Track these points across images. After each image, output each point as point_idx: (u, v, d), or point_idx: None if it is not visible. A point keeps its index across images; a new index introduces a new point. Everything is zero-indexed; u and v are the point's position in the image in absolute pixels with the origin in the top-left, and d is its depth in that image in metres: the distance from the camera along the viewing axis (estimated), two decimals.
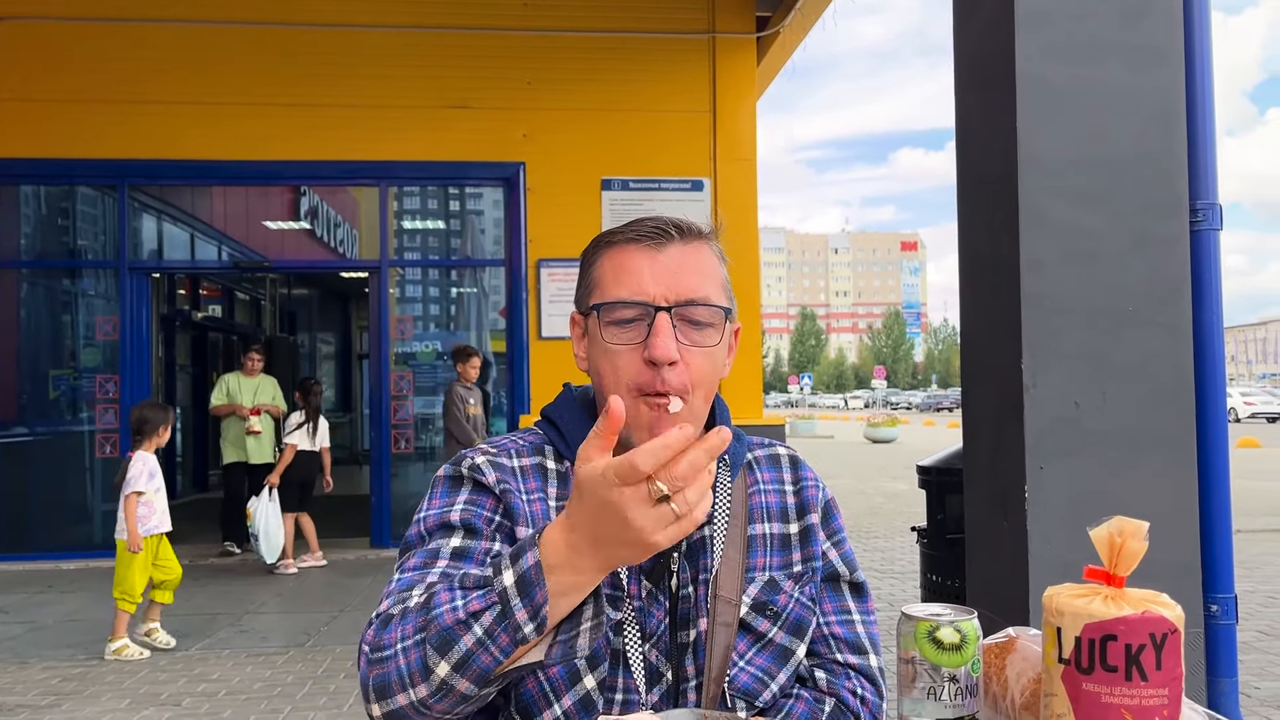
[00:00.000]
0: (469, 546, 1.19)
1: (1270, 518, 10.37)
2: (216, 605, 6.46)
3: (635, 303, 1.19)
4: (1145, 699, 0.76)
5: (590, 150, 8.54)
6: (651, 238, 1.22)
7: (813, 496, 1.38)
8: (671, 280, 1.20)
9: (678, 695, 1.24)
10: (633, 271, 1.21)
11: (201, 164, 8.40)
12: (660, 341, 1.16)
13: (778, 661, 1.29)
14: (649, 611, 1.24)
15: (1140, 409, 2.66)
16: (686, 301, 1.20)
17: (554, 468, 1.31)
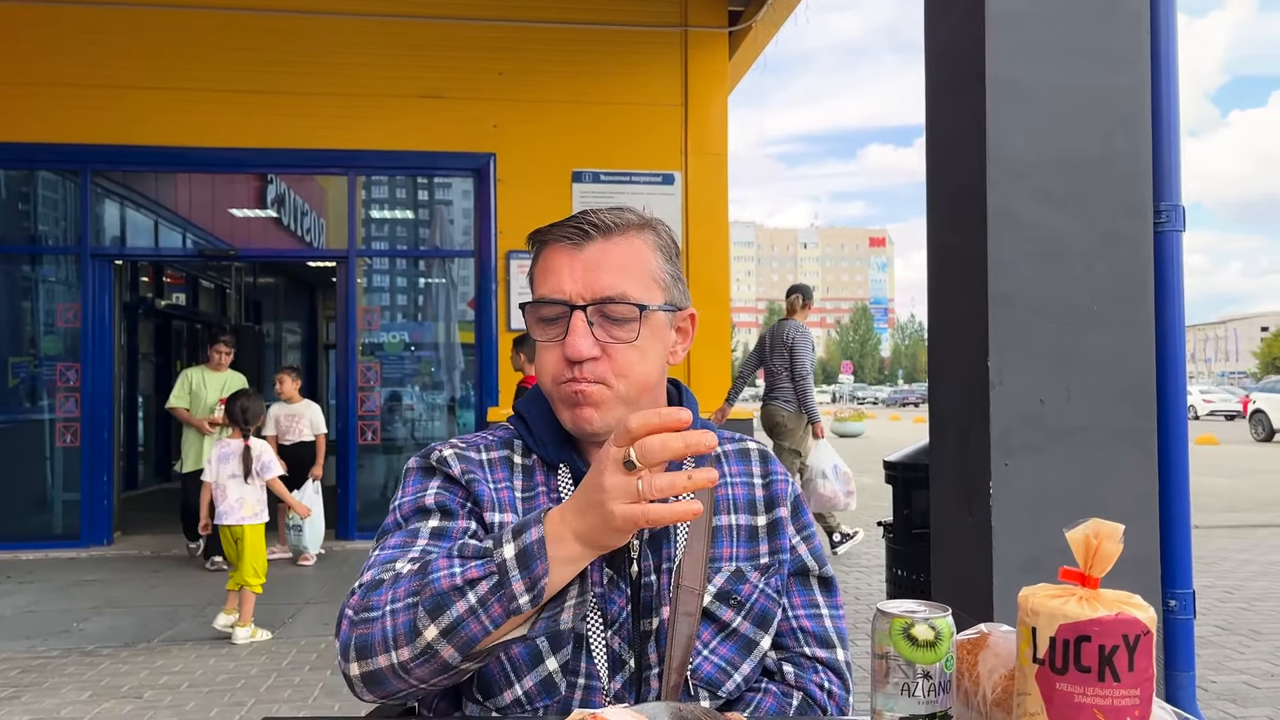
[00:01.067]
0: (446, 526, 1.23)
1: (1227, 514, 10.56)
2: (180, 597, 6.39)
3: (554, 300, 1.24)
4: (1118, 699, 0.78)
5: (561, 142, 8.52)
6: (571, 237, 1.26)
7: (782, 490, 1.40)
8: (589, 278, 1.24)
9: (640, 683, 1.26)
10: (554, 270, 1.26)
11: (166, 150, 8.28)
12: (573, 340, 1.22)
13: (741, 652, 1.30)
14: (610, 598, 1.26)
15: (1103, 406, 2.70)
16: (602, 299, 1.24)
17: (520, 461, 1.34)
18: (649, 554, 1.28)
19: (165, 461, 13.51)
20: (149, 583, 6.91)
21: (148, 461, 13.01)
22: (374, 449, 8.82)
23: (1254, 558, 8.01)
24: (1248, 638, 5.41)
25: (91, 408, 8.32)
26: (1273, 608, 6.16)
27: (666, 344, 1.31)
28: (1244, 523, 9.94)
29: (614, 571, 1.27)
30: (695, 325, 1.37)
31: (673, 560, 1.28)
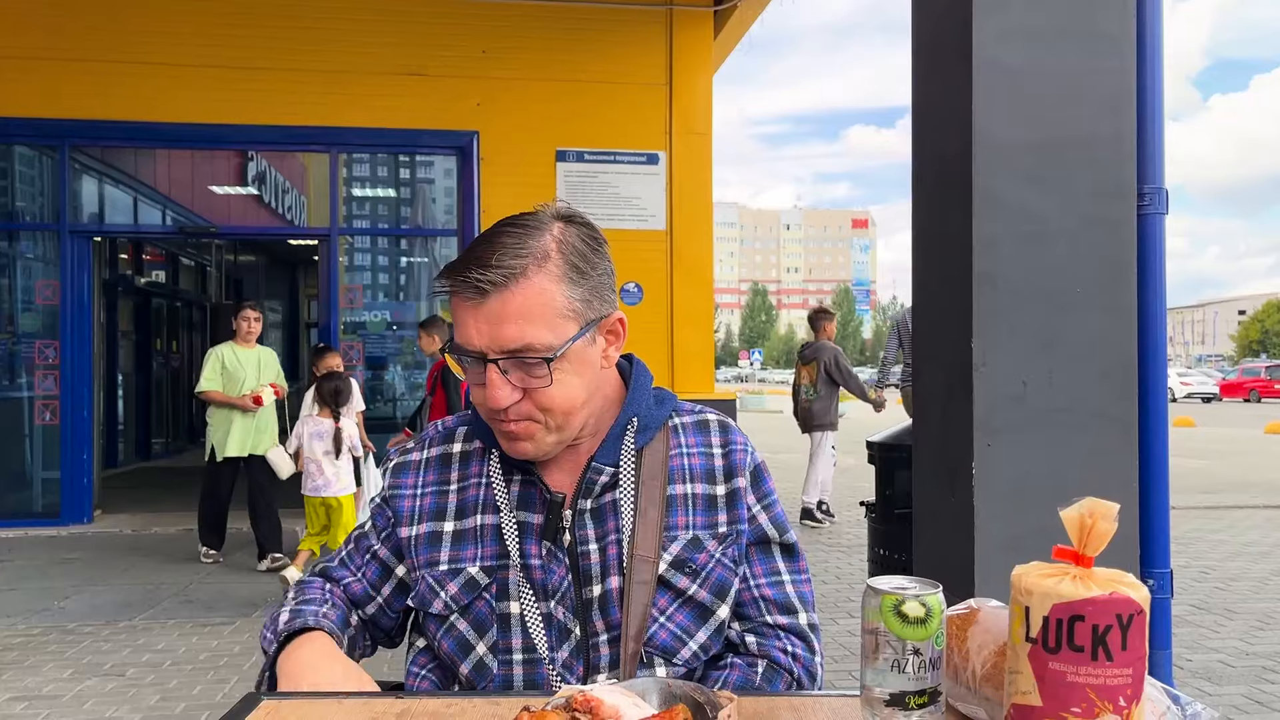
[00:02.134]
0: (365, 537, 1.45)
1: (1203, 495, 10.68)
2: (160, 575, 6.37)
3: (469, 352, 1.26)
4: (1110, 678, 0.79)
5: (545, 121, 8.47)
6: (468, 295, 1.25)
7: (740, 460, 1.40)
8: (494, 331, 1.24)
9: (588, 650, 1.29)
10: (461, 323, 1.28)
11: (146, 125, 8.18)
12: (490, 393, 1.26)
13: (697, 620, 1.32)
14: (550, 569, 1.31)
15: (1085, 388, 2.72)
16: (510, 352, 1.24)
17: (459, 449, 1.42)
18: (589, 524, 1.32)
19: (146, 440, 13.45)
20: (130, 561, 6.88)
21: (128, 440, 12.93)
22: None
23: (1229, 538, 8.12)
24: (1223, 617, 5.49)
25: (71, 385, 8.26)
26: (1247, 588, 6.25)
27: (592, 361, 1.30)
28: (1219, 504, 10.07)
29: (550, 543, 1.31)
30: (626, 326, 1.36)
31: (620, 532, 1.31)
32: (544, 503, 1.32)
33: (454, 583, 1.32)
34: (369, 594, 1.41)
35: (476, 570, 1.32)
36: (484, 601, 1.31)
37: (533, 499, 1.33)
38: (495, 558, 1.32)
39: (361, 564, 1.43)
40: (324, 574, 1.44)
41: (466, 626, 1.31)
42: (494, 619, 1.30)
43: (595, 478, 1.32)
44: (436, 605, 1.32)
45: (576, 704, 0.90)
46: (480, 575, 1.31)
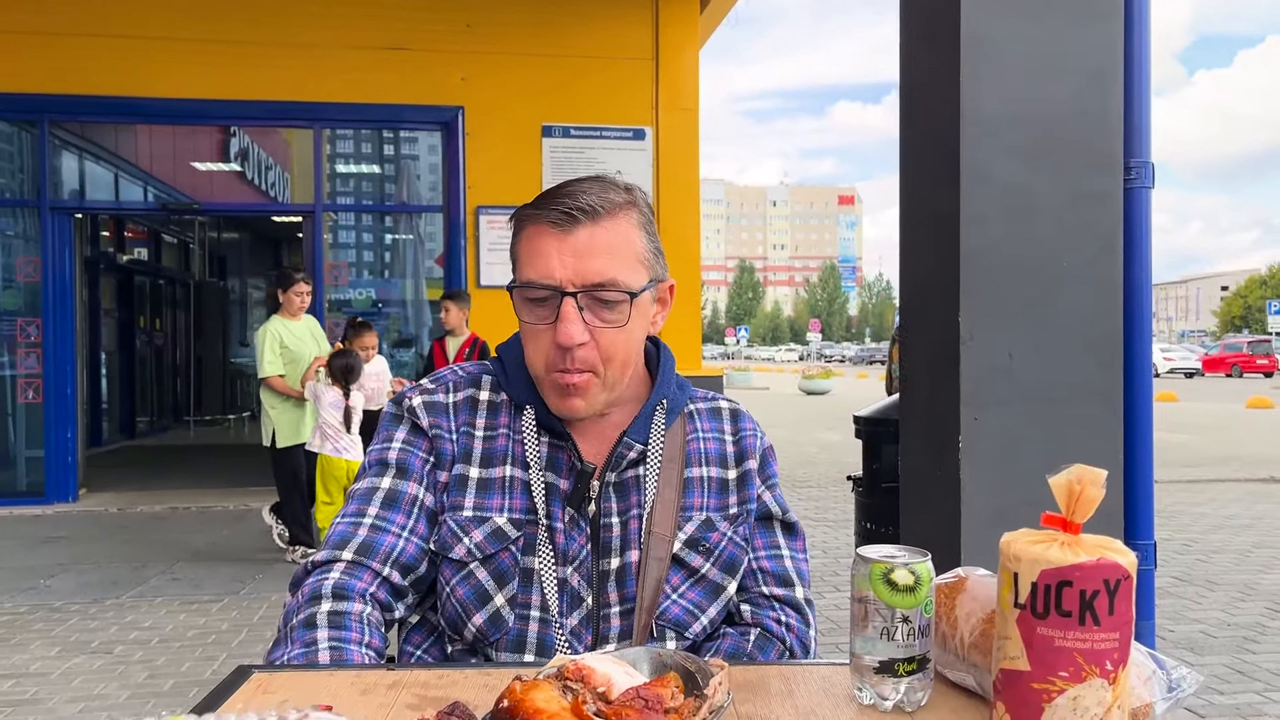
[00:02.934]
0: (399, 491, 1.33)
1: (1185, 468, 10.78)
2: (147, 554, 6.36)
3: (544, 285, 1.25)
4: (1097, 643, 0.80)
5: (530, 96, 8.42)
6: (559, 222, 1.25)
7: (751, 444, 1.45)
8: (578, 264, 1.24)
9: (597, 620, 1.30)
10: (542, 254, 1.26)
11: (126, 101, 8.09)
12: (565, 328, 1.24)
13: (709, 596, 1.35)
14: (571, 536, 1.32)
15: (1071, 362, 2.73)
16: (593, 285, 1.25)
17: (486, 398, 1.39)
18: (613, 497, 1.33)
19: (130, 418, 13.39)
20: (117, 539, 6.86)
21: (112, 418, 12.87)
22: None
23: (1210, 511, 8.20)
24: (1204, 588, 5.55)
25: (54, 363, 8.21)
26: (1229, 560, 6.32)
27: (648, 318, 1.35)
28: (1201, 477, 10.16)
29: (574, 510, 1.31)
30: (674, 294, 1.40)
31: (642, 507, 1.33)
32: (571, 468, 1.33)
33: (479, 530, 1.30)
34: (425, 549, 1.32)
35: (504, 521, 1.31)
36: (509, 554, 1.30)
37: (559, 463, 1.33)
38: (524, 512, 1.31)
39: (407, 521, 1.32)
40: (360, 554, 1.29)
41: (486, 576, 1.30)
42: (516, 572, 1.30)
43: (625, 453, 1.33)
44: (459, 551, 1.30)
45: (569, 673, 0.90)
46: (509, 527, 1.30)
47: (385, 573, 1.29)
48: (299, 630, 1.23)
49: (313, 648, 1.20)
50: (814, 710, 1.00)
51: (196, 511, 7.94)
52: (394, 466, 1.34)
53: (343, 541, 1.31)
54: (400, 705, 1.01)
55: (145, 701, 3.75)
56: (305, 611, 1.25)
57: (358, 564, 1.29)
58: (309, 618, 1.24)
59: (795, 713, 0.99)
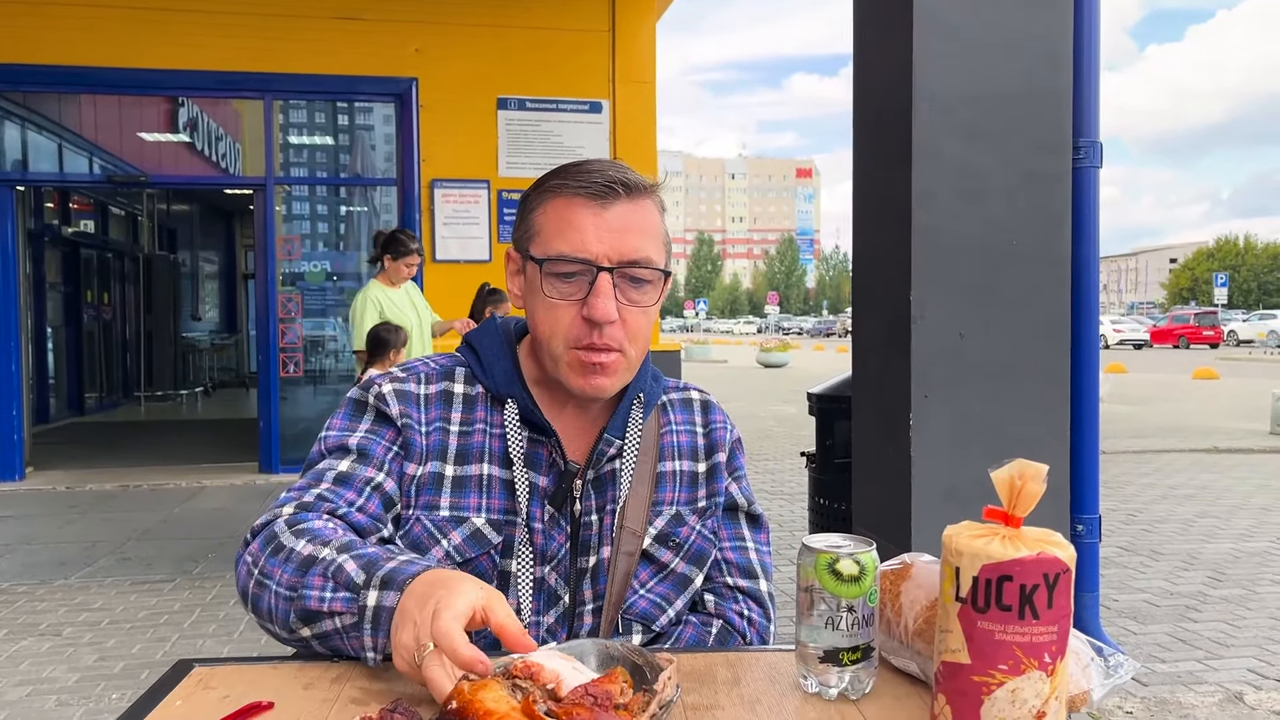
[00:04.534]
0: (354, 473, 1.25)
1: (1132, 439, 10.99)
2: (96, 533, 6.26)
3: (578, 259, 1.22)
4: (1036, 636, 0.81)
5: (486, 68, 8.31)
6: (599, 195, 1.23)
7: (721, 437, 1.44)
8: (615, 240, 1.22)
9: (573, 618, 1.29)
10: (577, 227, 1.22)
11: (70, 70, 7.87)
12: (600, 303, 1.21)
13: (676, 589, 1.35)
14: (550, 535, 1.29)
15: (1020, 340, 2.77)
16: (629, 262, 1.23)
17: (460, 391, 1.33)
18: (592, 494, 1.31)
19: (78, 394, 13.14)
20: (64, 519, 6.75)
21: (59, 394, 12.62)
22: (296, 381, 8.66)
23: (1156, 481, 8.38)
24: (1149, 558, 5.68)
25: None
26: (1173, 529, 6.46)
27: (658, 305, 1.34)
28: (1148, 448, 10.37)
29: (555, 509, 1.29)
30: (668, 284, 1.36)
31: (617, 502, 1.32)
32: (551, 465, 1.29)
33: (458, 532, 1.26)
34: (375, 526, 1.23)
35: (483, 523, 1.27)
36: (488, 557, 1.27)
37: (539, 459, 1.29)
38: (503, 512, 1.27)
39: (357, 499, 1.23)
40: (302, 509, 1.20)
41: None
42: (494, 575, 1.27)
43: (606, 449, 1.31)
44: (436, 553, 1.25)
45: (516, 671, 0.89)
46: (488, 530, 1.26)
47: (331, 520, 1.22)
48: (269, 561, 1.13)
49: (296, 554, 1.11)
50: (759, 699, 1.01)
51: (148, 490, 7.83)
52: (354, 451, 1.27)
53: (285, 503, 1.22)
54: (344, 700, 1.00)
55: (95, 684, 3.71)
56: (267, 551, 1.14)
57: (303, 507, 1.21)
58: (274, 548, 1.14)
59: (740, 702, 1.00)
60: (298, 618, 1.08)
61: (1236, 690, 3.65)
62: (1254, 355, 34.31)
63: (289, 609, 1.09)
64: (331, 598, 1.06)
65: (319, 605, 1.06)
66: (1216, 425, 12.47)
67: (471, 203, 8.18)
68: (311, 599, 1.07)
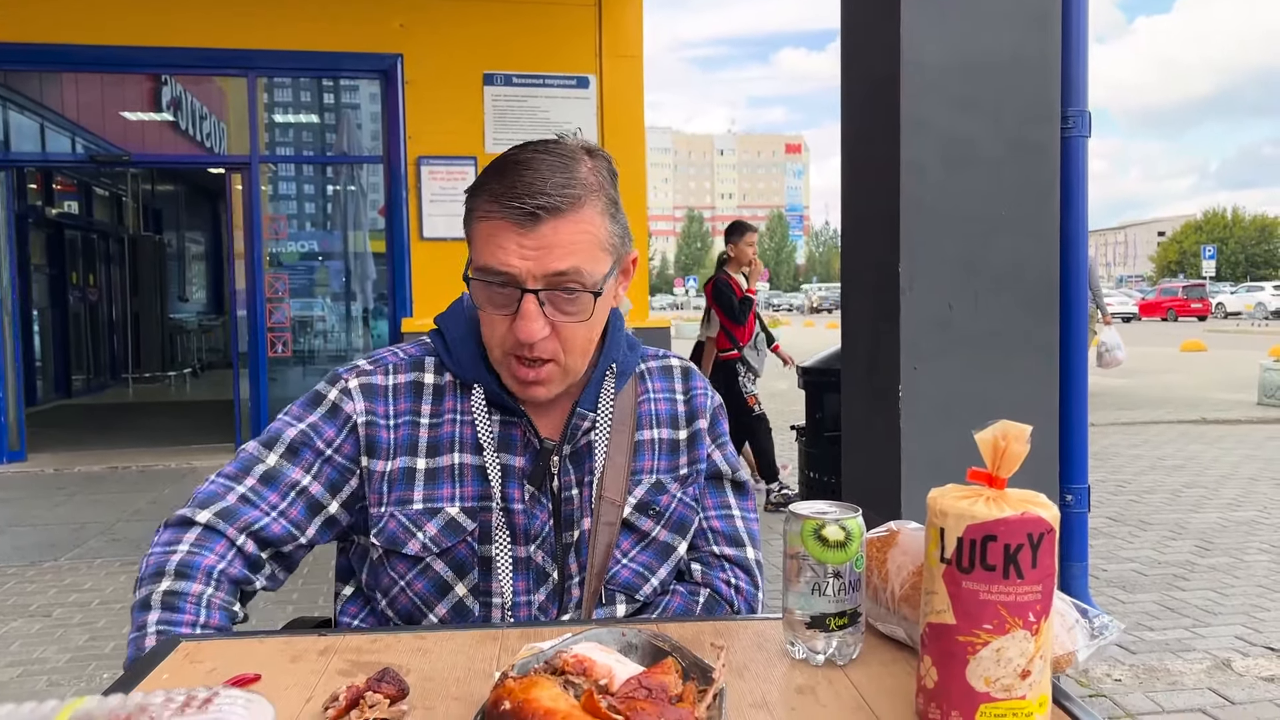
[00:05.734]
0: (280, 473, 1.28)
1: (1120, 411, 11.04)
2: (85, 514, 6.25)
3: (503, 274, 1.20)
4: (1020, 595, 0.81)
5: (471, 43, 8.24)
6: (518, 219, 1.19)
7: (702, 403, 1.43)
8: (540, 258, 1.19)
9: (563, 593, 1.29)
10: (500, 245, 1.20)
11: (50, 48, 7.77)
12: (525, 325, 1.20)
13: (659, 558, 1.35)
14: (533, 514, 1.28)
15: (1009, 311, 2.77)
16: (556, 276, 1.20)
17: (430, 381, 1.32)
18: (569, 469, 1.31)
19: (65, 376, 13.08)
20: (53, 500, 6.73)
21: (46, 377, 12.56)
22: (285, 361, 8.63)
23: (1144, 453, 8.42)
24: (1137, 528, 5.72)
25: None
26: (1161, 500, 6.50)
27: (610, 298, 1.30)
28: (1136, 420, 10.42)
29: (535, 488, 1.28)
30: (636, 265, 1.35)
31: (594, 474, 1.31)
32: (527, 445, 1.29)
33: (432, 524, 1.26)
34: (291, 534, 1.27)
35: (457, 511, 1.27)
36: (465, 544, 1.27)
37: (513, 441, 1.29)
38: (476, 499, 1.27)
39: (280, 503, 1.27)
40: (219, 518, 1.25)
41: (444, 567, 1.27)
42: (475, 561, 1.27)
43: (580, 424, 1.31)
44: (413, 547, 1.26)
45: (567, 666, 0.85)
46: (462, 518, 1.26)
47: (240, 542, 1.24)
48: (135, 611, 1.22)
49: (142, 632, 1.18)
50: (747, 666, 1.01)
51: (137, 471, 7.81)
52: (285, 446, 1.30)
53: (206, 501, 1.27)
54: (331, 671, 1.00)
55: (86, 665, 3.71)
56: (144, 590, 1.23)
57: (212, 530, 1.25)
58: (144, 599, 1.21)
59: (728, 669, 1.00)
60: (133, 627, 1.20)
61: (1224, 657, 3.68)
62: (1241, 327, 34.48)
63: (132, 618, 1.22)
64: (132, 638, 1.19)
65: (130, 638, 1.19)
66: (1204, 396, 12.53)
67: (459, 179, 8.13)
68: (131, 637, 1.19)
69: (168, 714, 0.62)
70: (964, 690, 0.82)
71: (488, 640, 1.08)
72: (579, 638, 0.93)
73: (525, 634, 1.10)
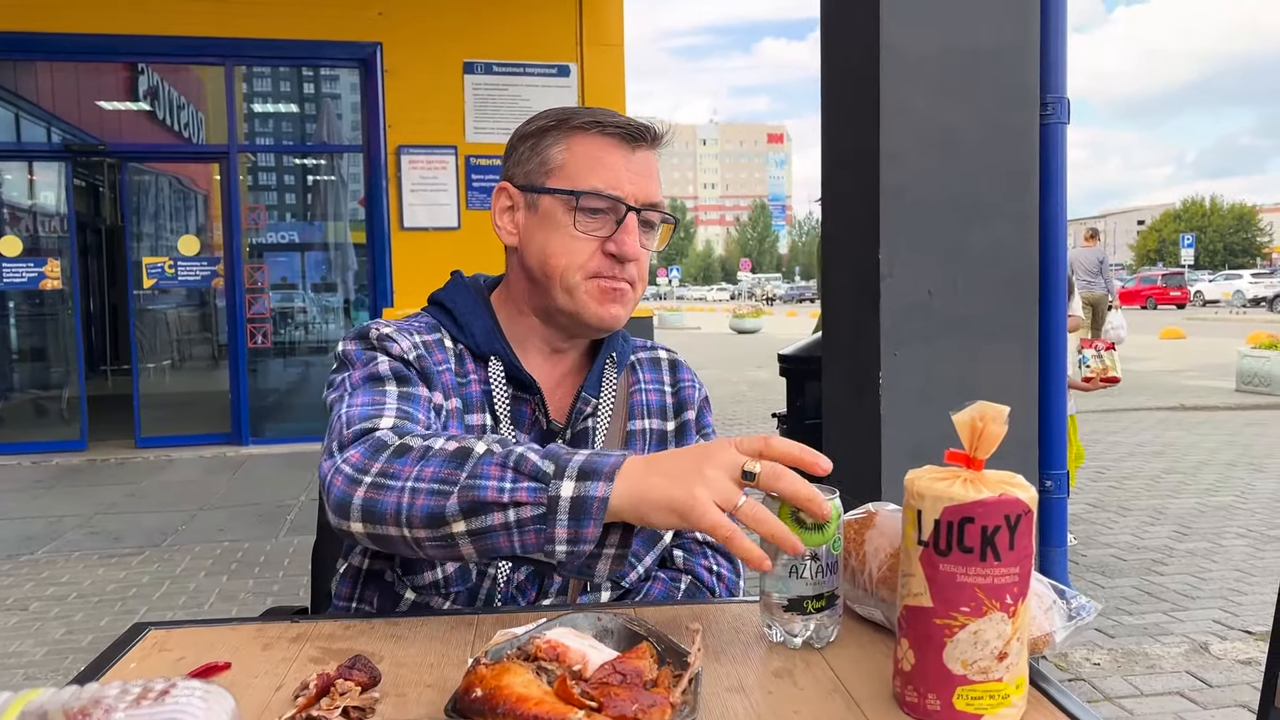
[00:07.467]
0: (410, 392, 1.19)
1: (1100, 398, 11.09)
2: (62, 507, 6.20)
3: (611, 197, 1.25)
4: (998, 578, 0.80)
5: (451, 31, 8.18)
6: (629, 138, 1.27)
7: (690, 395, 1.45)
8: (642, 182, 1.27)
9: (543, 576, 1.28)
10: (610, 166, 1.25)
11: (26, 36, 7.68)
12: (630, 240, 1.25)
13: (646, 545, 1.35)
14: None
15: (989, 297, 2.77)
16: (651, 205, 1.28)
17: (450, 346, 1.32)
18: None
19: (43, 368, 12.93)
20: (30, 493, 6.67)
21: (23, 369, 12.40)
22: (264, 352, 8.57)
23: (1123, 439, 8.48)
24: (1116, 514, 5.75)
25: None
26: (1140, 486, 6.55)
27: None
28: (1116, 407, 10.48)
29: None
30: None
31: None
32: (534, 424, 1.30)
33: None
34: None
35: None
36: None
37: (523, 418, 1.30)
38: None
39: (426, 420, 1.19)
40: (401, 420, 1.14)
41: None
42: None
43: (583, 408, 1.32)
44: None
45: (539, 652, 0.84)
46: None
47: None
48: (394, 461, 1.03)
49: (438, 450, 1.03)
50: (724, 650, 1.00)
51: (115, 463, 7.75)
52: (392, 378, 1.20)
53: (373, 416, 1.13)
54: (303, 659, 0.99)
55: (64, 657, 3.68)
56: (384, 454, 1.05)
57: (404, 416, 1.14)
58: (397, 449, 1.05)
59: (706, 653, 0.99)
60: (459, 509, 0.98)
61: (1202, 641, 3.71)
62: (1220, 315, 34.77)
63: (439, 501, 0.98)
64: (514, 488, 0.97)
65: (497, 496, 0.97)
66: (1183, 384, 12.62)
67: (439, 169, 8.08)
68: (488, 490, 0.97)
69: (123, 706, 0.61)
70: (941, 673, 0.81)
71: (461, 626, 1.07)
72: (553, 623, 0.91)
73: (499, 620, 1.09)
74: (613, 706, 0.76)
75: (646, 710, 0.76)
